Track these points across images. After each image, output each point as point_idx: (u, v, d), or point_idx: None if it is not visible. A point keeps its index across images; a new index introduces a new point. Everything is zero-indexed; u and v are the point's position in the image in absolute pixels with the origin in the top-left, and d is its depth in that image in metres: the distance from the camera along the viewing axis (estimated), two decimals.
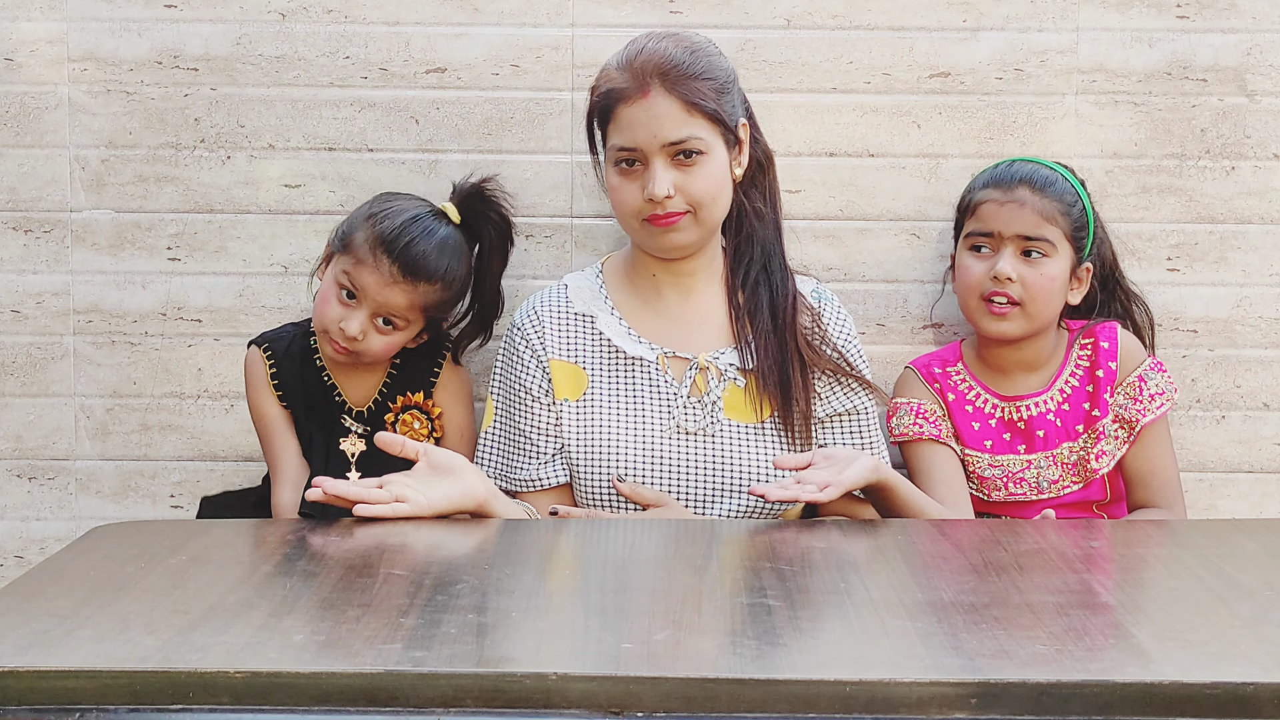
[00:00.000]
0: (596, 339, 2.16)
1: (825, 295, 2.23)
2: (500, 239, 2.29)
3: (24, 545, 2.50)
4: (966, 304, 2.29)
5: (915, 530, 1.94)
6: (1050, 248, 2.23)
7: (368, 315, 2.18)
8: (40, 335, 2.47)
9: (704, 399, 2.11)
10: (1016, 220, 2.22)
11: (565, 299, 2.20)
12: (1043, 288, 2.23)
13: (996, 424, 2.30)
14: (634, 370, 2.14)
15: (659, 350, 2.14)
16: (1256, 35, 2.43)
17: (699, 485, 2.10)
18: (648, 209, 2.07)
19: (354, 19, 2.43)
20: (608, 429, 2.11)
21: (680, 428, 2.11)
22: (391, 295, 2.17)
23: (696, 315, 2.18)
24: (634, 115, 2.05)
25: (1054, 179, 2.25)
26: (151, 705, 1.28)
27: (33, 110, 2.44)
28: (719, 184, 2.09)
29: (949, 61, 2.43)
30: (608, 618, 1.47)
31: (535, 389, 2.14)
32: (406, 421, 2.26)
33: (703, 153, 2.06)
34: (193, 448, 2.48)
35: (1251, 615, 1.48)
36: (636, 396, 2.13)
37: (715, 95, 2.07)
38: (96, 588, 1.55)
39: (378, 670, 1.29)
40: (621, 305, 2.19)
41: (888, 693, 1.27)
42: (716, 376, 2.13)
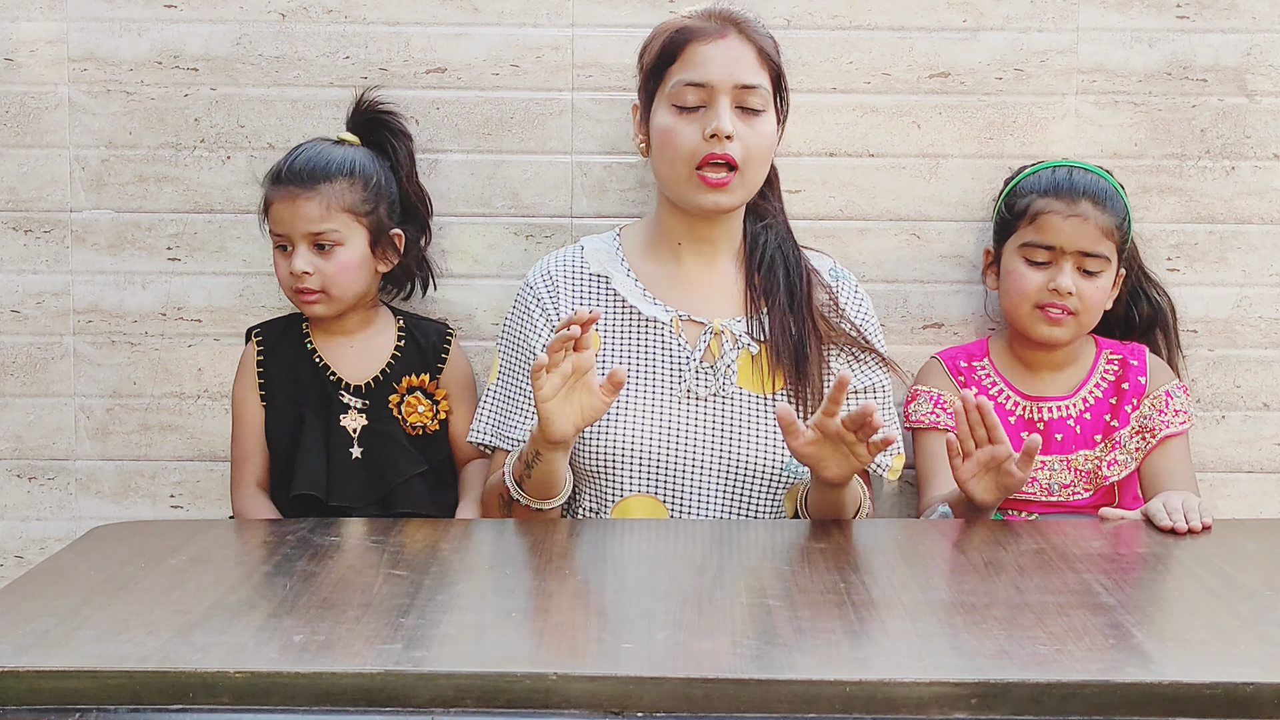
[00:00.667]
0: (611, 299, 2.15)
1: (842, 274, 2.23)
2: (397, 134, 2.33)
3: (24, 545, 2.50)
4: (1017, 310, 2.28)
5: (915, 530, 1.94)
6: (1105, 262, 2.25)
7: (305, 247, 2.20)
8: (40, 335, 2.47)
9: (716, 365, 2.10)
10: (1080, 235, 2.23)
11: (581, 259, 2.19)
12: (1096, 300, 2.26)
13: (1016, 422, 2.30)
14: (647, 331, 2.13)
15: (674, 313, 2.13)
16: (1256, 35, 2.43)
17: (704, 452, 2.08)
18: (704, 149, 2.05)
19: (354, 19, 2.43)
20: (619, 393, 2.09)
21: (691, 392, 2.10)
22: (304, 209, 2.19)
23: (714, 284, 2.17)
24: (710, 52, 2.06)
25: (1112, 192, 2.27)
26: (151, 705, 1.29)
27: (33, 110, 2.44)
28: (769, 146, 2.11)
29: (949, 61, 2.43)
30: (608, 618, 1.47)
31: (540, 348, 2.13)
32: (411, 403, 2.26)
33: (762, 111, 2.08)
34: (193, 448, 2.48)
35: (1251, 615, 1.48)
36: (648, 359, 2.12)
37: (777, 62, 2.12)
38: (96, 588, 1.55)
39: (378, 670, 1.29)
40: (639, 269, 2.18)
41: (888, 693, 1.27)
42: (731, 342, 2.12)
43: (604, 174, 2.44)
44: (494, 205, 2.45)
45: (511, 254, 2.44)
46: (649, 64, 2.13)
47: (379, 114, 2.35)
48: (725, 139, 2.04)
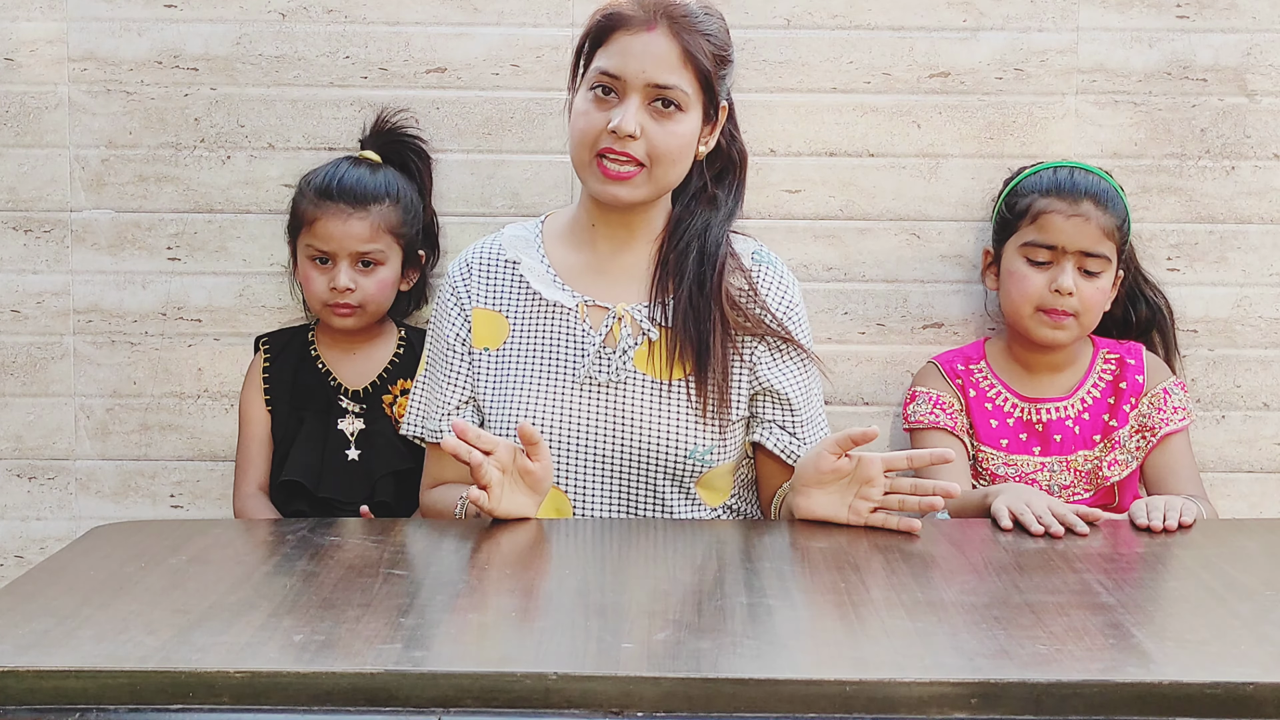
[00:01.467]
0: (521, 286, 2.12)
1: (766, 258, 2.15)
2: (421, 159, 2.39)
3: (24, 545, 2.50)
4: (1019, 311, 2.28)
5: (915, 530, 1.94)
6: (1106, 263, 2.25)
7: (348, 264, 2.25)
8: (40, 335, 2.47)
9: (616, 349, 2.07)
10: (1082, 235, 2.23)
11: (499, 247, 2.15)
12: (1097, 301, 2.26)
13: (1015, 424, 2.31)
14: (553, 317, 2.10)
15: (579, 298, 2.10)
16: (1256, 35, 2.43)
17: (602, 439, 2.04)
18: (606, 140, 2.00)
19: (354, 19, 2.43)
20: (521, 378, 2.07)
21: (591, 378, 2.06)
22: (353, 228, 2.25)
23: (624, 269, 2.12)
24: (630, 44, 2.01)
25: (1113, 193, 2.27)
26: (151, 705, 1.28)
27: (33, 110, 2.44)
28: (683, 147, 2.04)
29: (949, 61, 2.43)
30: (608, 618, 1.47)
31: (453, 338, 2.12)
32: (403, 404, 2.28)
33: (680, 109, 2.01)
34: (193, 448, 2.48)
35: (1251, 615, 1.48)
36: (553, 345, 2.09)
37: (713, 60, 2.03)
38: (96, 588, 1.55)
39: (378, 670, 1.29)
40: (553, 254, 2.14)
41: (888, 693, 1.27)
42: (633, 328, 2.08)
43: None
44: (494, 205, 2.45)
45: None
46: (579, 44, 2.08)
47: (404, 137, 2.38)
48: (627, 137, 1.99)
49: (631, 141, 1.99)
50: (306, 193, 2.30)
